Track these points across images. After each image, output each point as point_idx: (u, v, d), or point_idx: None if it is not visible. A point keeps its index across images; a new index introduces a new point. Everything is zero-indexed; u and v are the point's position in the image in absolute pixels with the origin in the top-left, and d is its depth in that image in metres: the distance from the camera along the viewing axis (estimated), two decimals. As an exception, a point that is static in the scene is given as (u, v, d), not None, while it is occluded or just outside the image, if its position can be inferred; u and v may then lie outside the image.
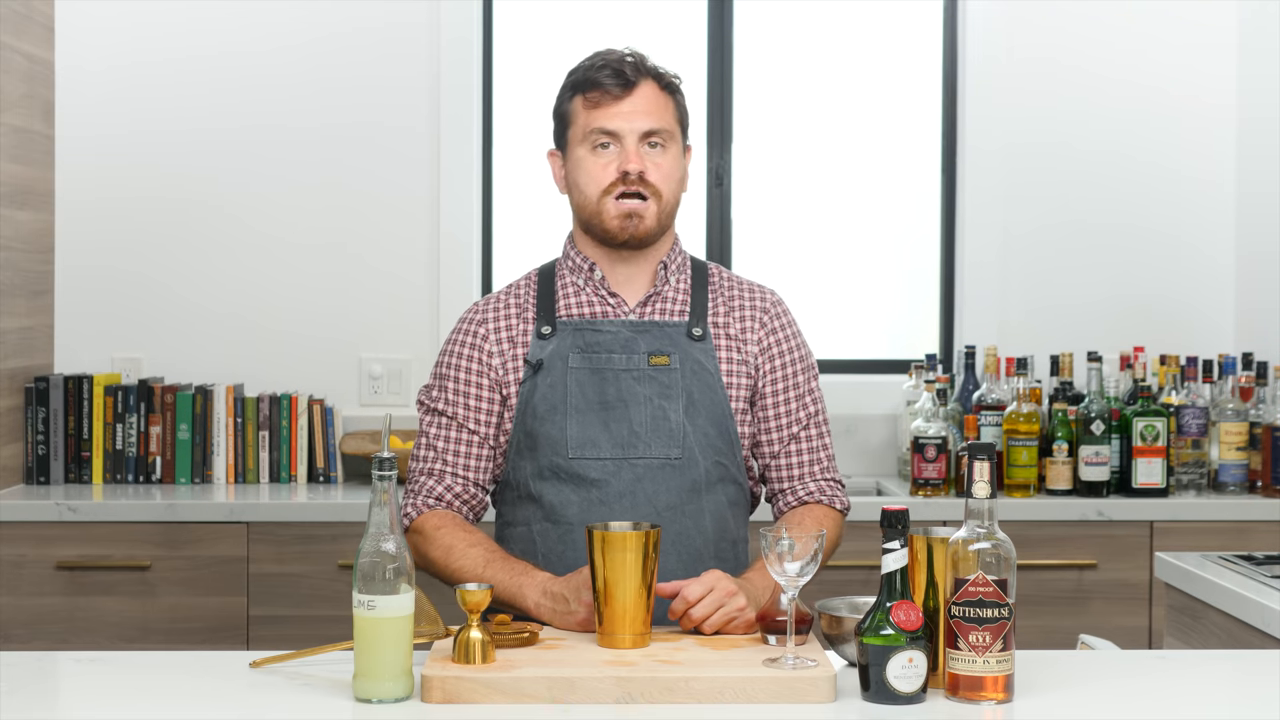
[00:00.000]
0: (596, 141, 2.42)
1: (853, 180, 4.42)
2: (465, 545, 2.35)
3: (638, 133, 2.41)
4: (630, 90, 2.41)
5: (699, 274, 2.53)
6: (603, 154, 2.42)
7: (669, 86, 2.46)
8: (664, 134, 2.43)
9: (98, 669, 2.09)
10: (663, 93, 2.45)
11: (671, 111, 2.45)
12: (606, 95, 2.41)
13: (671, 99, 2.46)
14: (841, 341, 4.38)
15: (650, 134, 2.41)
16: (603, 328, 2.45)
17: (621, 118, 2.41)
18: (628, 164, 2.39)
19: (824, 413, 2.54)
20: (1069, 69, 4.29)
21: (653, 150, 2.42)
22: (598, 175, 2.42)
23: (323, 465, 4.00)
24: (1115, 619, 3.64)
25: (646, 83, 2.43)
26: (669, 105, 2.45)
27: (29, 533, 3.59)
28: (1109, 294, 4.30)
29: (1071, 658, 2.16)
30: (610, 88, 2.41)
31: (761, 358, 2.49)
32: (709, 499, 2.41)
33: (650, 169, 2.41)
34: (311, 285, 4.20)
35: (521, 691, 1.88)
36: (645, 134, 2.41)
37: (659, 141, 2.42)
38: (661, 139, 2.42)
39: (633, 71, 2.42)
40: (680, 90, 2.49)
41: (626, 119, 2.41)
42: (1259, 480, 3.83)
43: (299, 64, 4.19)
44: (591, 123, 2.42)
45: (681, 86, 2.49)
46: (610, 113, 2.41)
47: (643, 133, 2.41)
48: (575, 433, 2.39)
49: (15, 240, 3.87)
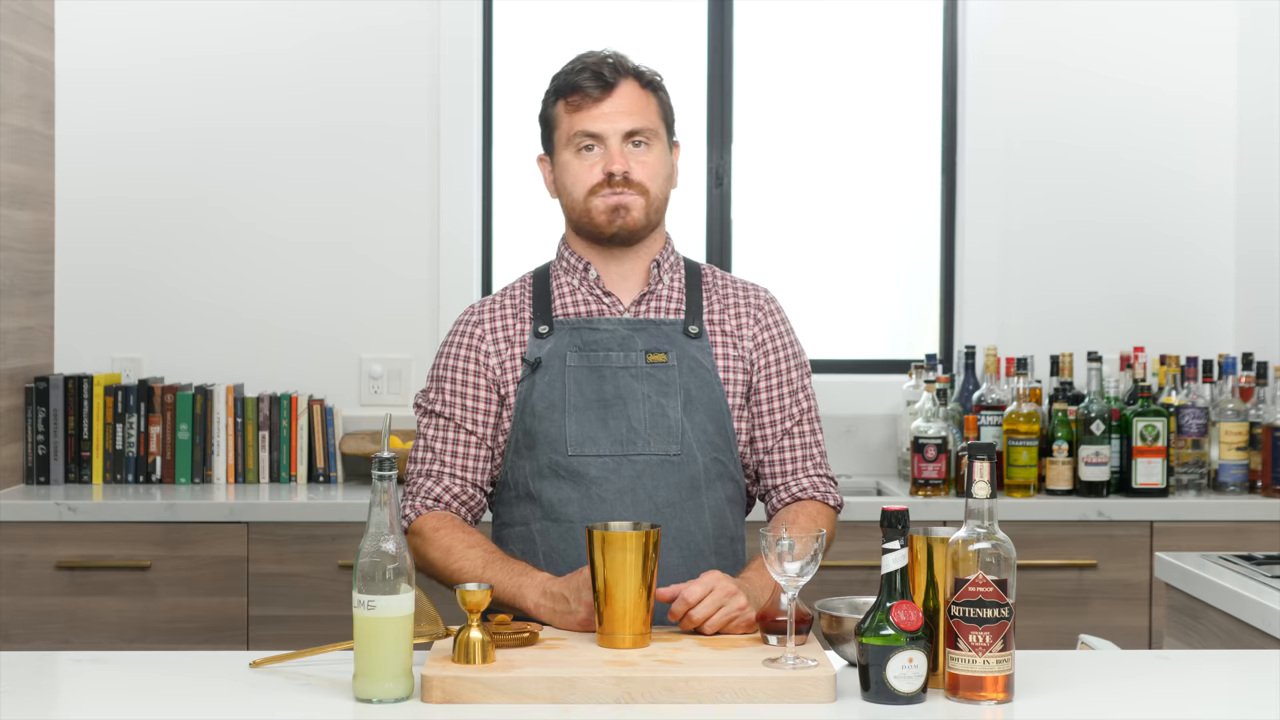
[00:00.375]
0: (580, 144, 2.43)
1: (853, 180, 4.42)
2: (464, 546, 2.35)
3: (620, 133, 2.42)
4: (610, 91, 2.42)
5: (692, 274, 2.54)
6: (587, 156, 2.43)
7: (650, 84, 2.47)
8: (647, 132, 2.44)
9: (98, 669, 2.09)
10: (644, 91, 2.46)
11: (654, 109, 2.46)
12: (587, 98, 2.42)
13: (654, 96, 2.47)
14: (841, 341, 4.38)
15: (633, 133, 2.42)
16: (600, 326, 2.45)
17: (603, 119, 2.42)
18: (612, 164, 2.41)
19: (816, 410, 2.55)
20: (1069, 69, 4.29)
21: (637, 149, 2.43)
22: (583, 177, 2.43)
23: (323, 465, 4.00)
24: (1115, 619, 3.64)
25: (626, 82, 2.44)
26: (651, 103, 2.46)
27: (29, 533, 3.59)
28: (1109, 294, 4.30)
29: (1071, 658, 2.16)
30: (590, 90, 2.42)
31: (756, 354, 2.50)
32: (708, 495, 2.42)
33: (635, 168, 2.42)
34: (311, 285, 4.20)
35: (521, 691, 1.88)
36: (628, 134, 2.42)
37: (643, 140, 2.43)
38: (645, 137, 2.43)
39: (611, 72, 2.43)
40: (663, 87, 2.50)
41: (608, 120, 2.42)
42: (1259, 480, 3.83)
43: (299, 64, 4.19)
44: (574, 126, 2.43)
45: (664, 83, 2.50)
46: (592, 115, 2.42)
47: (625, 132, 2.42)
48: (574, 430, 2.39)
49: (15, 240, 3.87)
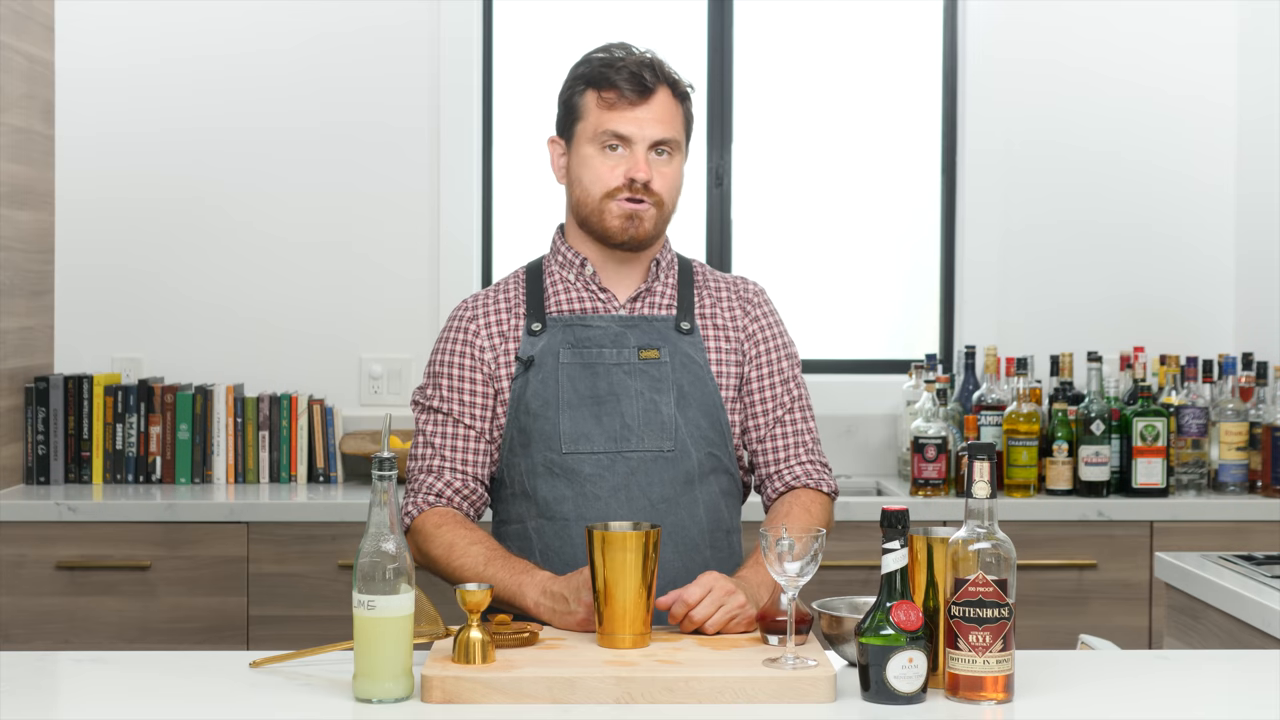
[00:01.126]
0: (606, 142, 2.41)
1: (853, 180, 4.42)
2: (466, 543, 2.35)
3: (649, 141, 2.40)
4: (647, 98, 2.40)
5: (685, 271, 2.55)
6: (611, 156, 2.41)
7: (682, 95, 2.46)
8: (672, 143, 2.43)
9: (98, 669, 2.09)
10: (675, 101, 2.44)
11: (680, 120, 2.45)
12: (623, 99, 2.40)
13: (681, 107, 2.46)
14: (841, 341, 4.38)
15: (660, 143, 2.41)
16: (592, 323, 2.45)
17: (635, 124, 2.40)
18: (636, 172, 2.39)
19: (808, 398, 2.55)
20: (1069, 69, 4.29)
21: (660, 159, 2.42)
22: (604, 176, 2.41)
23: (323, 465, 4.00)
24: (1115, 619, 3.64)
25: (662, 90, 2.42)
26: (679, 114, 2.45)
27: (29, 533, 3.59)
28: (1109, 294, 4.30)
29: (1071, 658, 2.16)
30: (628, 93, 2.40)
31: (746, 344, 2.50)
32: (702, 490, 2.42)
33: (656, 178, 2.41)
34: (311, 285, 4.20)
35: (521, 691, 1.88)
36: (656, 142, 2.41)
37: (667, 150, 2.42)
38: (670, 148, 2.42)
39: (651, 78, 2.40)
40: (690, 99, 2.49)
41: (640, 125, 2.40)
42: (1259, 480, 3.83)
43: (299, 64, 4.19)
44: (604, 124, 2.41)
45: (693, 95, 2.49)
46: (625, 117, 2.40)
47: (653, 141, 2.41)
48: (568, 427, 2.39)
49: (15, 240, 3.87)
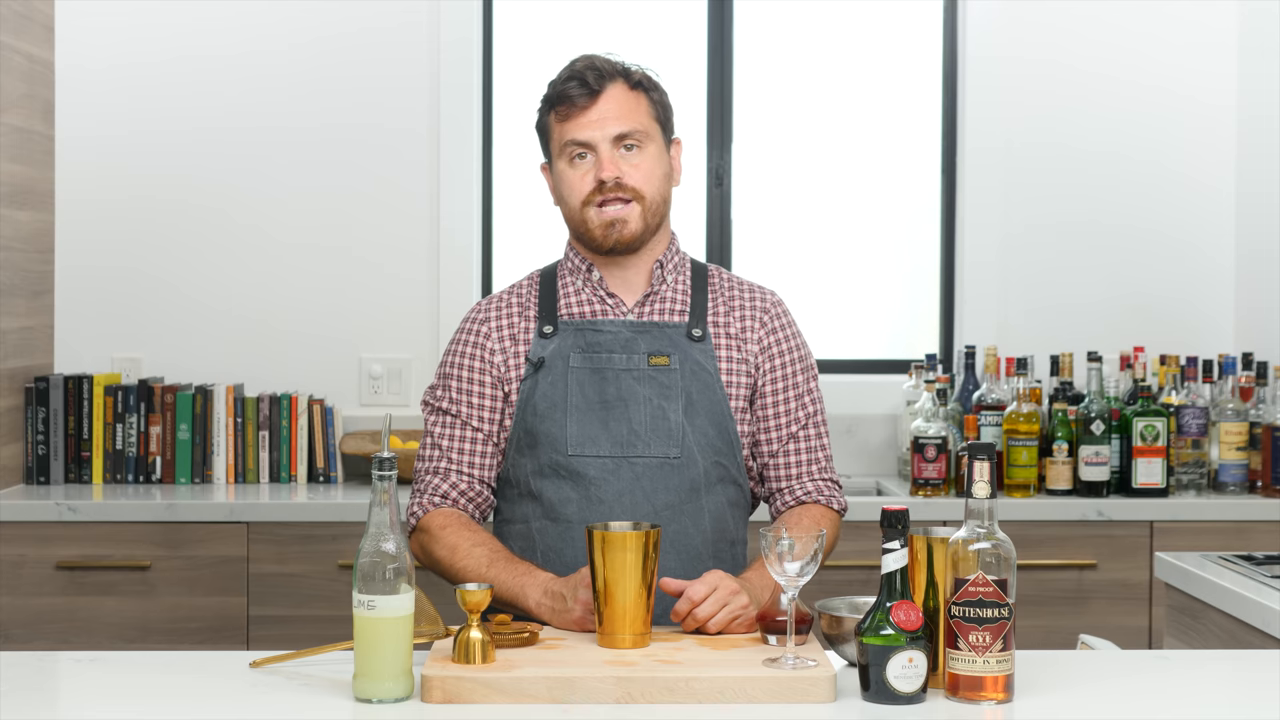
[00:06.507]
0: (572, 154, 2.41)
1: (853, 180, 4.42)
2: (470, 545, 2.35)
3: (609, 138, 2.39)
4: (595, 98, 2.40)
5: (699, 275, 2.53)
6: (579, 165, 2.41)
7: (640, 84, 2.44)
8: (638, 134, 2.41)
9: (98, 669, 2.09)
10: (633, 91, 2.43)
11: (645, 109, 2.43)
12: (574, 106, 2.40)
13: (644, 95, 2.44)
14: (841, 341, 4.38)
15: (623, 137, 2.40)
16: (603, 328, 2.45)
17: (591, 126, 2.39)
18: (602, 172, 2.39)
19: (823, 414, 2.54)
20: (1069, 69, 4.29)
21: (629, 153, 2.41)
22: (577, 186, 2.42)
23: (323, 465, 4.00)
24: (1115, 619, 3.64)
25: (613, 85, 2.41)
26: (641, 103, 2.43)
27: (29, 533, 3.59)
28: (1109, 294, 4.30)
29: (1071, 658, 2.16)
30: (576, 98, 2.40)
31: (761, 357, 2.49)
32: (708, 499, 2.41)
33: (627, 172, 2.40)
34: (311, 285, 4.20)
35: (521, 691, 1.88)
36: (618, 138, 2.40)
37: (634, 143, 2.41)
38: (636, 139, 2.41)
39: (595, 78, 2.40)
40: (655, 85, 2.46)
41: (596, 126, 2.39)
42: (1259, 480, 3.83)
43: (299, 64, 4.19)
44: (564, 135, 2.41)
45: (657, 80, 2.47)
46: (580, 123, 2.40)
47: (615, 137, 2.40)
48: (575, 431, 2.40)
49: (15, 240, 3.87)
